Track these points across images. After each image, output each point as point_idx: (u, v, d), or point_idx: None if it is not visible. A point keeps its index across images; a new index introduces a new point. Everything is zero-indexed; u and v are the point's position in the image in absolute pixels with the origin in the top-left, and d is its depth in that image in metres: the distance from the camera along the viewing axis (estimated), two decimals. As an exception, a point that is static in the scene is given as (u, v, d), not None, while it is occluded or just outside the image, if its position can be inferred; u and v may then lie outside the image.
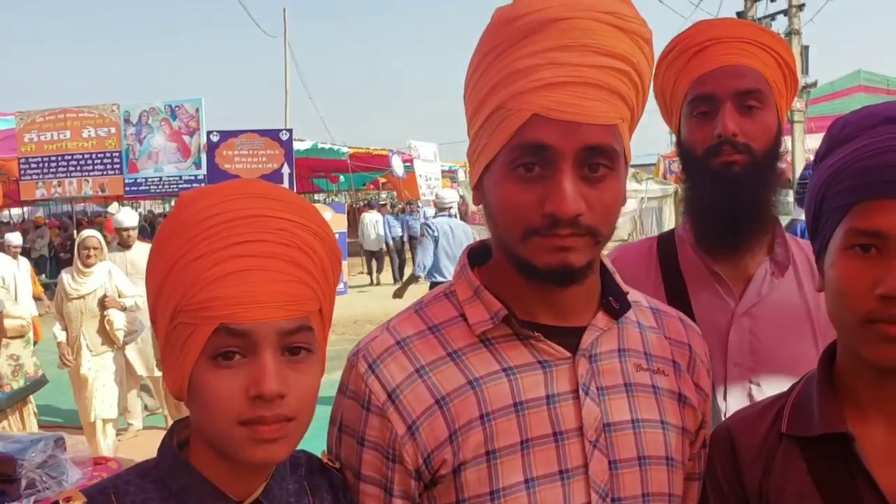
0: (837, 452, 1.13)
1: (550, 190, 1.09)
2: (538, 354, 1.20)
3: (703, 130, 1.66)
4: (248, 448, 1.03)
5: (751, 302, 1.70)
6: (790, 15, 21.21)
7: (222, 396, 1.02)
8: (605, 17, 1.10)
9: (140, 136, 17.99)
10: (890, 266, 1.04)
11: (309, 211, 1.12)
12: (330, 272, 1.13)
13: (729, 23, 1.73)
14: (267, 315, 1.02)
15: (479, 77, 1.17)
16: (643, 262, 1.81)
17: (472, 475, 1.14)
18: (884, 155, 1.07)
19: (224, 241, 1.04)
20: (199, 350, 1.03)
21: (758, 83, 1.65)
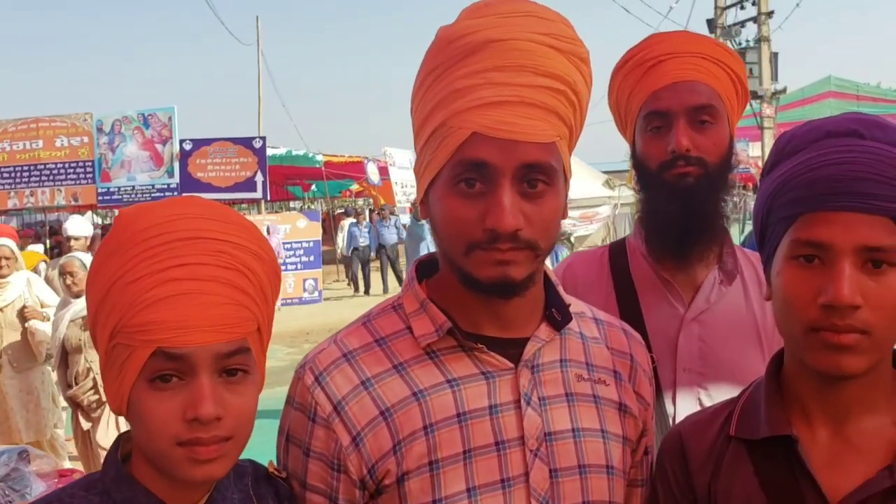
0: (783, 455, 1.16)
1: (490, 205, 1.12)
2: (482, 366, 1.23)
3: (658, 145, 1.70)
4: (186, 467, 1.05)
5: (699, 309, 1.74)
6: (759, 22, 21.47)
7: (160, 418, 1.04)
8: (541, 38, 1.14)
9: (113, 144, 17.86)
10: (831, 276, 1.07)
11: (248, 230, 1.14)
12: (269, 291, 1.15)
13: (683, 37, 1.77)
14: (204, 339, 1.04)
15: (423, 94, 1.20)
16: (595, 270, 1.85)
17: (416, 485, 1.17)
18: (825, 168, 1.11)
19: (163, 264, 1.05)
20: (137, 372, 1.05)
21: (711, 99, 1.69)
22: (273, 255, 1.18)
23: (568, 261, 1.97)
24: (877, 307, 1.07)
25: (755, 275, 1.78)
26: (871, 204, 1.07)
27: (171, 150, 17.53)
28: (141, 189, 17.60)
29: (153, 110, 17.94)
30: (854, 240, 1.07)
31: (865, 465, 1.12)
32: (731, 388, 1.65)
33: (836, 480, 1.12)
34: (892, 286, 1.08)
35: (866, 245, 1.07)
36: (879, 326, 1.07)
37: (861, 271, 1.08)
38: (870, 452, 1.13)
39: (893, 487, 1.08)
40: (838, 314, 1.06)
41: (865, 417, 1.16)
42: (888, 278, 1.08)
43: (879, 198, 1.07)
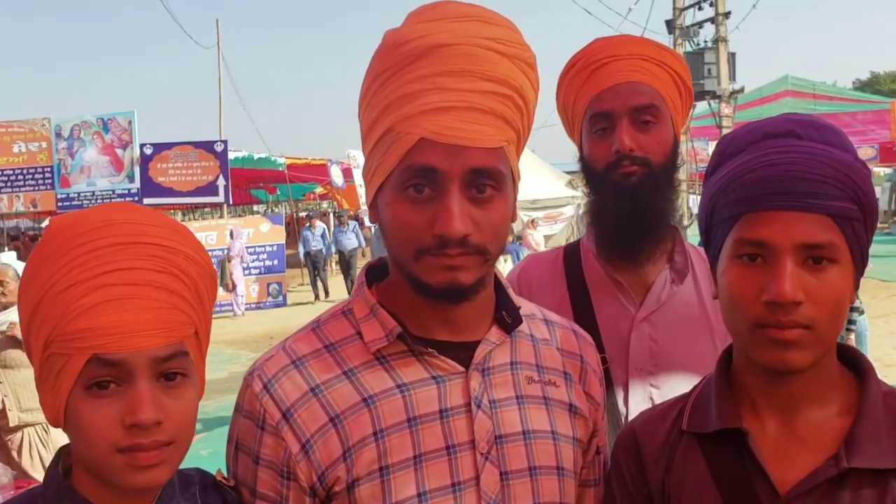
0: (733, 447, 1.19)
1: (439, 211, 1.12)
2: (432, 370, 1.22)
3: (603, 146, 1.73)
4: (127, 474, 1.04)
5: (650, 309, 1.76)
6: (717, 23, 21.72)
7: (98, 426, 1.03)
8: (487, 44, 1.14)
9: (72, 150, 17.66)
10: (774, 274, 1.10)
11: (182, 234, 1.13)
12: (205, 295, 1.14)
13: (626, 40, 1.80)
14: (140, 344, 1.03)
15: (371, 99, 1.19)
16: (549, 272, 1.87)
17: (366, 491, 1.16)
18: (765, 169, 1.14)
19: (95, 270, 1.04)
20: (73, 380, 1.04)
21: (653, 99, 1.72)
22: (208, 259, 1.16)
23: (523, 263, 1.99)
24: (818, 302, 1.10)
25: (707, 272, 1.80)
26: (809, 203, 1.11)
27: (132, 155, 17.36)
28: (101, 194, 17.42)
29: (113, 115, 17.75)
30: (794, 238, 1.10)
31: (813, 455, 1.15)
32: (682, 386, 1.67)
33: (785, 471, 1.15)
34: (832, 282, 1.11)
35: (805, 243, 1.10)
36: (822, 321, 1.11)
37: (802, 268, 1.11)
38: (817, 443, 1.16)
39: (839, 475, 1.12)
40: (782, 311, 1.09)
41: (812, 409, 1.19)
42: (828, 274, 1.11)
43: (816, 196, 1.11)
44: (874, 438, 1.13)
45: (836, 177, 1.12)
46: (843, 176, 1.13)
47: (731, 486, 1.18)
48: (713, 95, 22.02)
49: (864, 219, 1.15)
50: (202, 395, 1.16)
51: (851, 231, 1.14)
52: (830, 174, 1.12)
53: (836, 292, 1.12)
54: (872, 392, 1.18)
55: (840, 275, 1.12)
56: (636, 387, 1.74)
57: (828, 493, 1.12)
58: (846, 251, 1.13)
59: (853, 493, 1.12)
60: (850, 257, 1.14)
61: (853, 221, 1.13)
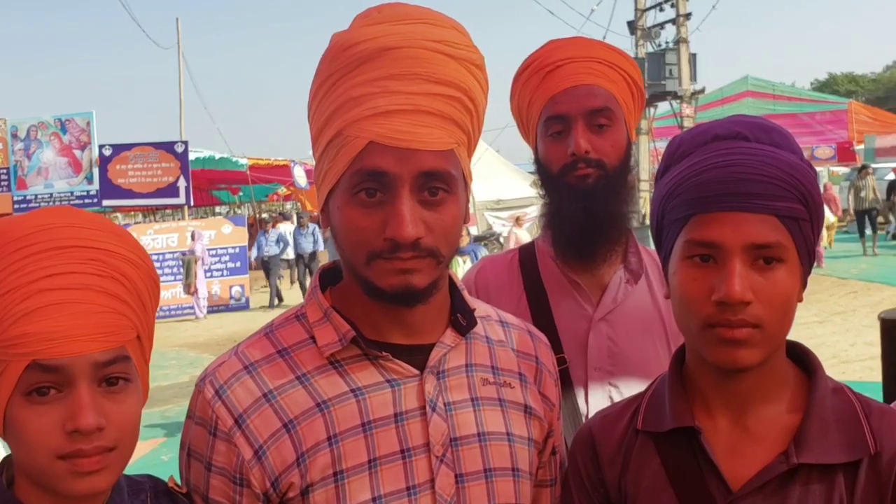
0: (687, 445, 1.21)
1: (390, 215, 1.12)
2: (387, 373, 1.22)
3: (558, 149, 1.74)
4: (69, 481, 1.03)
5: (607, 308, 1.78)
6: (678, 24, 22.01)
7: (39, 432, 1.02)
8: (434, 46, 1.14)
9: (28, 151, 17.37)
10: (723, 274, 1.12)
11: (122, 237, 1.11)
12: (147, 298, 1.13)
13: (579, 42, 1.82)
14: (80, 349, 1.02)
15: (319, 103, 1.19)
16: (506, 274, 1.88)
17: (320, 496, 1.16)
18: (713, 171, 1.16)
19: (33, 275, 1.02)
20: (12, 387, 1.02)
21: (607, 101, 1.73)
22: (150, 262, 1.15)
23: (479, 265, 1.99)
24: (767, 302, 1.12)
25: (658, 273, 1.83)
26: (756, 203, 1.13)
27: (90, 156, 17.13)
28: (59, 196, 17.17)
29: (71, 115, 17.50)
30: (742, 238, 1.12)
31: (764, 452, 1.17)
32: (640, 384, 1.69)
33: (737, 467, 1.18)
34: (780, 281, 1.13)
35: (754, 243, 1.12)
36: (770, 320, 1.13)
37: (751, 268, 1.13)
38: (767, 439, 1.19)
39: (789, 471, 1.14)
40: (731, 310, 1.11)
41: (762, 406, 1.21)
42: (776, 274, 1.13)
43: (764, 197, 1.13)
44: (822, 435, 1.16)
45: (782, 178, 1.14)
46: (790, 177, 1.15)
47: (685, 484, 1.20)
48: (674, 96, 22.29)
49: (811, 218, 1.17)
50: (146, 401, 1.14)
51: (798, 231, 1.16)
52: (777, 175, 1.14)
53: (785, 291, 1.14)
54: (820, 389, 1.20)
55: (788, 274, 1.15)
56: (595, 386, 1.75)
57: (778, 488, 1.15)
58: (794, 250, 1.15)
59: (803, 488, 1.14)
60: (797, 256, 1.16)
61: (800, 221, 1.16)
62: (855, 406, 1.19)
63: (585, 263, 1.78)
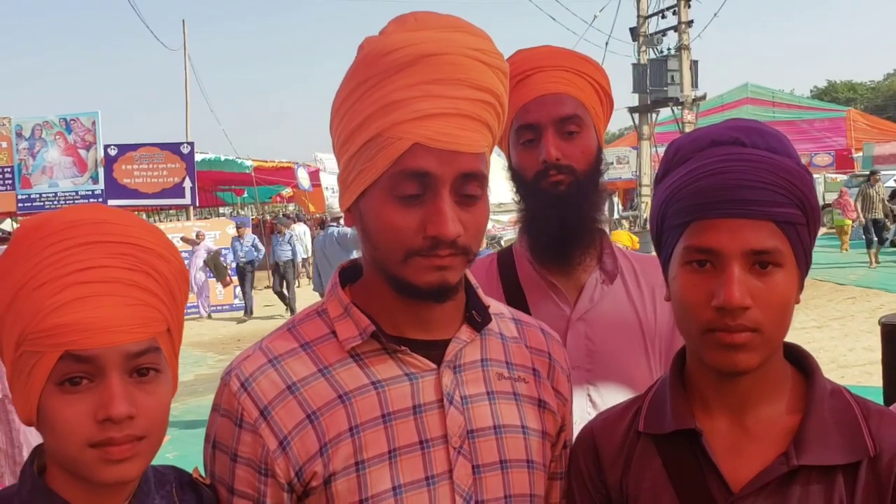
0: (688, 447, 1.24)
1: (432, 214, 1.17)
2: (405, 367, 1.27)
3: (530, 156, 1.80)
4: (99, 468, 1.06)
5: (584, 308, 1.83)
6: (680, 31, 22.05)
7: (71, 421, 1.05)
8: (472, 53, 1.19)
9: (33, 150, 17.38)
10: (722, 280, 1.14)
11: (153, 233, 1.15)
12: (177, 292, 1.16)
13: (549, 51, 1.86)
14: (112, 340, 1.05)
15: (353, 105, 1.22)
16: (484, 276, 1.91)
17: (343, 485, 1.20)
18: (711, 177, 1.18)
19: (67, 268, 1.06)
20: (46, 377, 1.05)
21: (576, 109, 1.79)
22: (180, 257, 1.19)
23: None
24: (765, 306, 1.14)
25: (633, 274, 1.89)
26: (754, 210, 1.15)
27: (96, 156, 17.14)
28: (64, 195, 17.16)
29: (76, 115, 17.49)
30: (740, 245, 1.14)
31: (764, 453, 1.20)
32: (618, 383, 1.77)
33: (737, 469, 1.20)
34: (778, 286, 1.16)
35: (752, 249, 1.14)
36: (768, 324, 1.15)
37: (749, 273, 1.15)
38: (767, 440, 1.21)
39: (789, 472, 1.16)
40: (730, 315, 1.13)
41: (762, 408, 1.23)
42: (774, 278, 1.16)
43: (761, 203, 1.15)
44: (821, 436, 1.17)
45: (779, 183, 1.16)
46: (787, 182, 1.16)
47: (686, 486, 1.22)
48: (676, 102, 22.32)
49: (808, 223, 1.19)
50: (175, 391, 1.18)
51: (795, 235, 1.17)
52: (774, 181, 1.16)
53: (782, 296, 1.16)
54: (819, 390, 1.22)
55: (785, 278, 1.17)
56: (575, 385, 1.75)
57: (778, 489, 1.16)
58: (791, 255, 1.17)
59: (803, 488, 1.16)
60: (794, 260, 1.18)
61: (797, 226, 1.17)
62: (853, 408, 1.21)
63: (561, 266, 1.83)
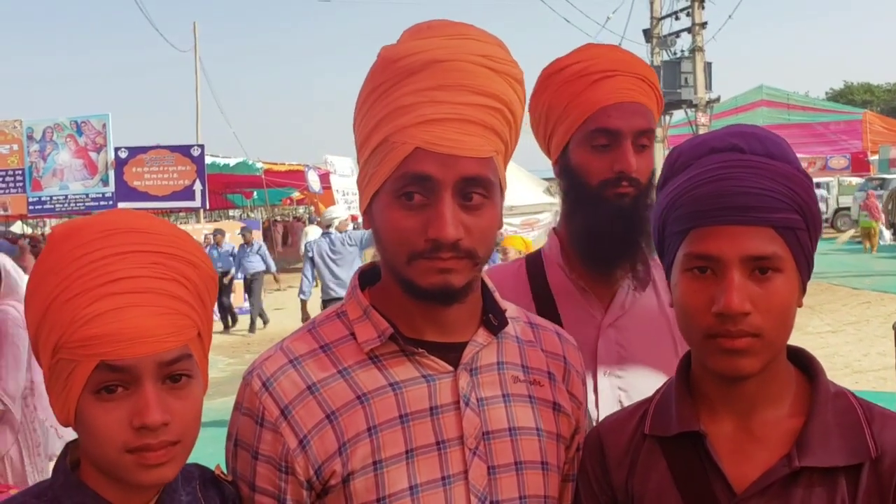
0: (692, 449, 1.25)
1: (432, 217, 1.19)
2: (423, 369, 1.29)
3: (602, 162, 1.72)
4: (136, 472, 1.10)
5: (616, 314, 1.81)
6: (693, 33, 21.96)
7: (108, 428, 1.08)
8: (479, 60, 1.22)
9: (44, 152, 17.45)
10: (722, 286, 1.15)
11: (181, 239, 1.18)
12: (206, 296, 1.20)
13: (624, 56, 1.81)
14: (146, 350, 1.08)
15: (367, 111, 1.26)
16: (513, 282, 1.89)
17: (361, 484, 1.23)
18: (710, 185, 1.19)
19: (98, 280, 1.08)
20: (82, 385, 1.08)
21: (651, 123, 1.76)
22: (208, 261, 1.22)
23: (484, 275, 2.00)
24: (765, 311, 1.15)
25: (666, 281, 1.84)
26: (752, 216, 1.16)
27: (106, 158, 17.20)
28: (74, 198, 17.23)
29: (86, 117, 17.55)
30: (740, 251, 1.15)
31: (767, 455, 1.20)
32: (649, 387, 1.72)
33: (741, 471, 1.21)
34: (777, 291, 1.16)
35: (751, 255, 1.15)
36: (769, 328, 1.16)
37: (749, 279, 1.16)
38: (771, 443, 1.22)
39: (792, 474, 1.17)
40: (731, 321, 1.14)
41: (766, 410, 1.24)
42: (774, 284, 1.16)
43: (760, 209, 1.16)
44: (824, 438, 1.18)
45: (778, 189, 1.17)
46: (786, 188, 1.17)
47: (690, 487, 1.23)
48: (690, 104, 22.23)
49: (808, 227, 1.20)
50: (206, 390, 1.21)
51: (795, 240, 1.18)
52: (773, 187, 1.17)
53: (783, 300, 1.17)
54: (822, 393, 1.23)
55: (785, 283, 1.17)
56: (605, 390, 1.78)
57: (782, 491, 1.17)
58: (791, 260, 1.18)
59: (805, 490, 1.17)
60: (794, 265, 1.19)
61: (797, 231, 1.18)
62: (857, 410, 1.22)
63: (606, 275, 1.80)
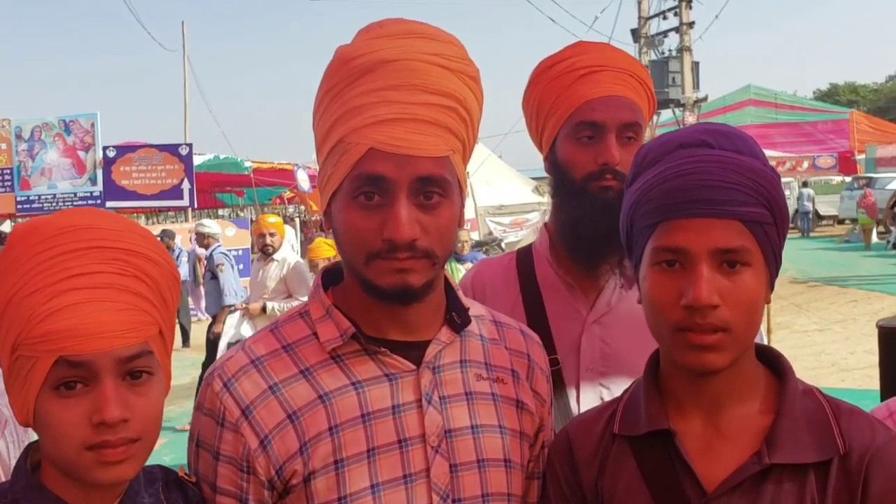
0: (662, 448, 1.24)
1: (388, 217, 1.19)
2: (385, 368, 1.28)
3: (586, 154, 1.73)
4: (95, 470, 1.08)
5: (601, 311, 1.81)
6: (681, 33, 22.04)
7: (67, 425, 1.07)
8: (431, 59, 1.21)
9: (32, 151, 17.33)
10: (691, 279, 1.15)
11: (143, 237, 1.16)
12: (168, 295, 1.18)
13: (612, 52, 1.83)
14: (105, 345, 1.07)
15: (323, 112, 1.26)
16: (503, 276, 1.90)
17: (322, 483, 1.22)
18: (678, 179, 1.19)
19: (59, 275, 1.07)
20: (41, 382, 1.07)
21: (637, 116, 1.76)
22: (171, 260, 1.20)
23: (476, 268, 2.03)
24: (734, 305, 1.15)
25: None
26: (721, 209, 1.16)
27: (94, 158, 17.10)
28: (63, 197, 17.12)
29: (75, 116, 17.44)
30: (708, 244, 1.15)
31: (737, 453, 1.20)
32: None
33: (711, 469, 1.20)
34: (746, 285, 1.16)
35: (719, 248, 1.15)
36: (737, 323, 1.16)
37: (718, 272, 1.16)
38: (740, 440, 1.21)
39: (762, 471, 1.17)
40: (699, 314, 1.14)
41: (734, 408, 1.24)
42: (742, 277, 1.16)
43: (727, 203, 1.16)
44: (793, 435, 1.18)
45: (745, 183, 1.17)
46: (753, 182, 1.18)
47: (660, 487, 1.23)
48: (677, 104, 22.31)
49: (775, 222, 1.20)
50: (168, 392, 1.20)
51: (763, 234, 1.18)
52: (740, 181, 1.17)
53: (751, 294, 1.17)
54: (791, 390, 1.23)
55: (754, 277, 1.18)
56: (587, 387, 1.77)
57: (752, 488, 1.17)
58: (759, 254, 1.18)
59: (776, 486, 1.17)
60: (763, 259, 1.19)
61: (764, 225, 1.18)
62: (825, 407, 1.22)
63: (590, 270, 1.80)
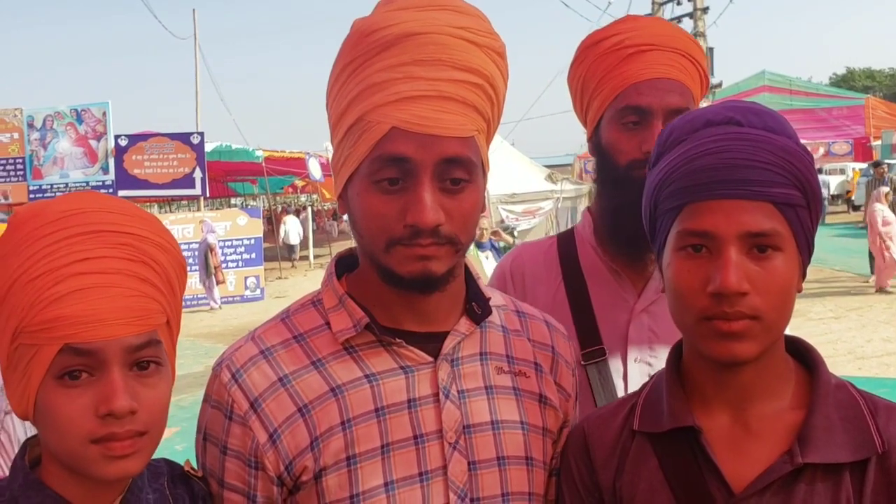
0: (686, 446, 1.17)
1: (411, 201, 1.12)
2: (400, 360, 1.23)
3: (631, 141, 1.66)
4: (101, 465, 1.03)
5: (649, 300, 1.74)
6: (695, 18, 21.88)
7: (71, 416, 1.01)
8: (458, 33, 1.14)
9: (45, 141, 17.39)
10: (718, 264, 1.08)
11: (151, 223, 1.11)
12: (175, 282, 1.13)
13: (663, 29, 1.73)
14: (112, 332, 1.01)
15: (340, 88, 1.19)
16: (543, 262, 1.83)
17: (333, 480, 1.17)
18: (705, 158, 1.12)
19: (64, 259, 1.02)
20: (44, 370, 1.01)
21: (688, 102, 1.67)
22: (178, 248, 1.15)
23: (515, 252, 1.95)
24: (764, 292, 1.08)
25: None
26: (750, 190, 1.09)
27: (106, 146, 17.15)
28: (74, 186, 17.18)
29: (86, 105, 17.48)
30: (737, 227, 1.08)
31: (766, 451, 1.13)
32: None
33: (739, 468, 1.13)
34: (777, 270, 1.09)
35: (749, 231, 1.08)
36: (768, 310, 1.09)
37: (747, 257, 1.09)
38: (769, 438, 1.14)
39: (794, 471, 1.10)
40: (727, 301, 1.07)
41: (763, 403, 1.17)
42: (773, 262, 1.09)
43: (758, 183, 1.09)
44: (827, 432, 1.11)
45: (777, 163, 1.10)
46: (785, 162, 1.11)
47: (684, 487, 1.16)
48: (691, 90, 22.15)
49: (808, 205, 1.13)
50: (173, 383, 1.15)
51: (795, 218, 1.12)
52: (772, 160, 1.10)
53: (782, 281, 1.10)
54: (823, 385, 1.16)
55: (785, 263, 1.10)
56: (635, 377, 1.71)
57: (782, 489, 1.10)
58: (791, 238, 1.11)
59: (808, 487, 1.10)
60: (794, 244, 1.12)
61: (797, 208, 1.12)
62: (860, 403, 1.15)
63: (636, 258, 1.74)
